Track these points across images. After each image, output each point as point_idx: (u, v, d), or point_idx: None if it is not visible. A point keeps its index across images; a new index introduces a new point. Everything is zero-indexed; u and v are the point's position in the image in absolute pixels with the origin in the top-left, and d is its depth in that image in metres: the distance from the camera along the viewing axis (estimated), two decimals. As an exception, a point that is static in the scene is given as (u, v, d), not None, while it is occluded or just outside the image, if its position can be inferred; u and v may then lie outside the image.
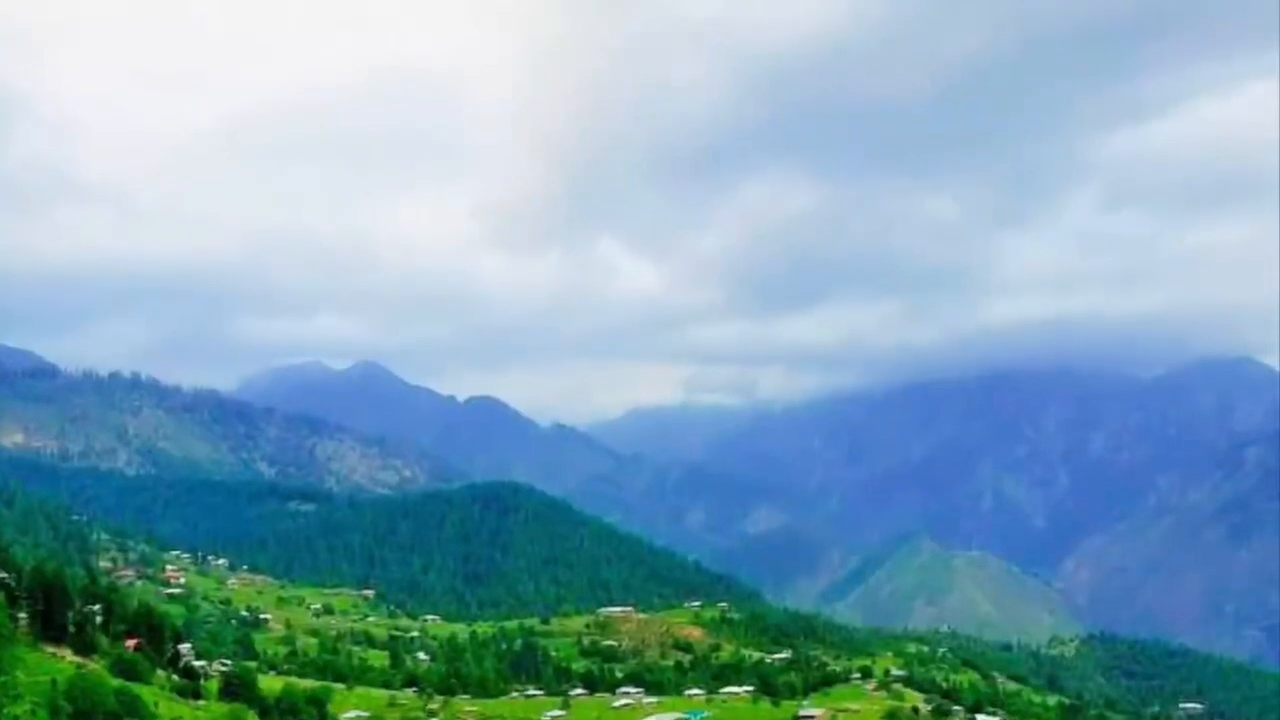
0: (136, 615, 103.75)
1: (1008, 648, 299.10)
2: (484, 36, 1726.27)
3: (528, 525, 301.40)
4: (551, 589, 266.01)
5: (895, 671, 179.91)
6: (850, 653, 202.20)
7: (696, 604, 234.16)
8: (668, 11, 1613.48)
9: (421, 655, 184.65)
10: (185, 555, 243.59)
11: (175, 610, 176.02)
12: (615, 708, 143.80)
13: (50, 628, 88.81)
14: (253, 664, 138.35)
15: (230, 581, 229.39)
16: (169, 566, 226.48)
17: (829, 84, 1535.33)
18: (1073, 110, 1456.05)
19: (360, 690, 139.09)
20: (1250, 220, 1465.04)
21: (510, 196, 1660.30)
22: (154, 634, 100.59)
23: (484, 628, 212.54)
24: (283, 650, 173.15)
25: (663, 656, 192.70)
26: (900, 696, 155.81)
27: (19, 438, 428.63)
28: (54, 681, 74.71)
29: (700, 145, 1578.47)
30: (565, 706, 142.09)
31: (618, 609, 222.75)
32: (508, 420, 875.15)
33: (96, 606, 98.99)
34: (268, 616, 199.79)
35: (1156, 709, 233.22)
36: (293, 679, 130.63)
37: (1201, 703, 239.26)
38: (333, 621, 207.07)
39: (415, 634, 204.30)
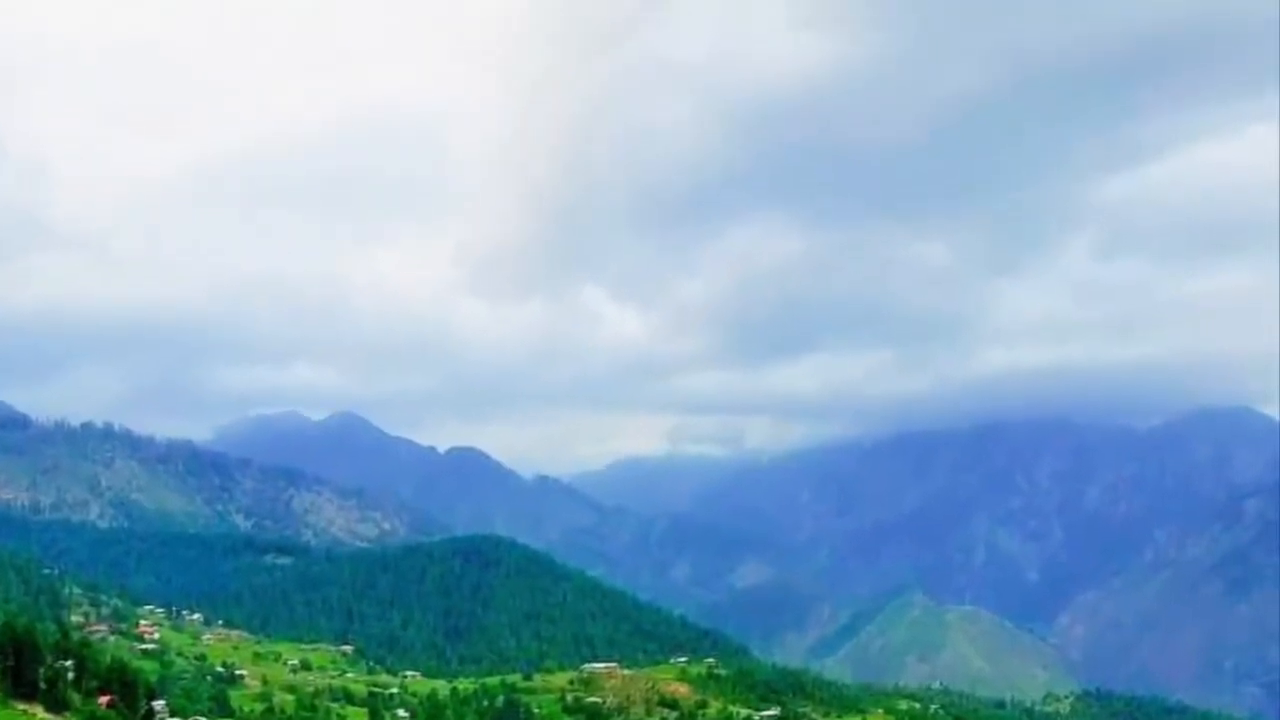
0: (109, 671, 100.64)
1: (1001, 705, 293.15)
2: (465, 79, 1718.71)
3: (509, 579, 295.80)
4: (534, 644, 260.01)
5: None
6: (841, 709, 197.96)
7: (683, 659, 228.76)
8: (652, 53, 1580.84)
9: (401, 712, 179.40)
10: (159, 610, 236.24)
11: (149, 666, 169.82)
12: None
13: (21, 684, 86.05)
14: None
15: (205, 637, 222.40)
16: (142, 621, 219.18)
17: (817, 127, 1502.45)
18: (1068, 154, 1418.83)
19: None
20: (1251, 267, 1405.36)
21: (491, 242, 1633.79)
22: (127, 690, 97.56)
23: (465, 684, 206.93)
24: (259, 707, 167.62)
25: (648, 713, 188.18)
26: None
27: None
28: (22, 739, 72.33)
29: (686, 190, 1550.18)
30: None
31: (602, 665, 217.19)
32: (489, 471, 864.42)
33: (68, 662, 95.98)
34: (244, 673, 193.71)
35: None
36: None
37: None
38: (310, 678, 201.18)
39: (395, 690, 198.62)
